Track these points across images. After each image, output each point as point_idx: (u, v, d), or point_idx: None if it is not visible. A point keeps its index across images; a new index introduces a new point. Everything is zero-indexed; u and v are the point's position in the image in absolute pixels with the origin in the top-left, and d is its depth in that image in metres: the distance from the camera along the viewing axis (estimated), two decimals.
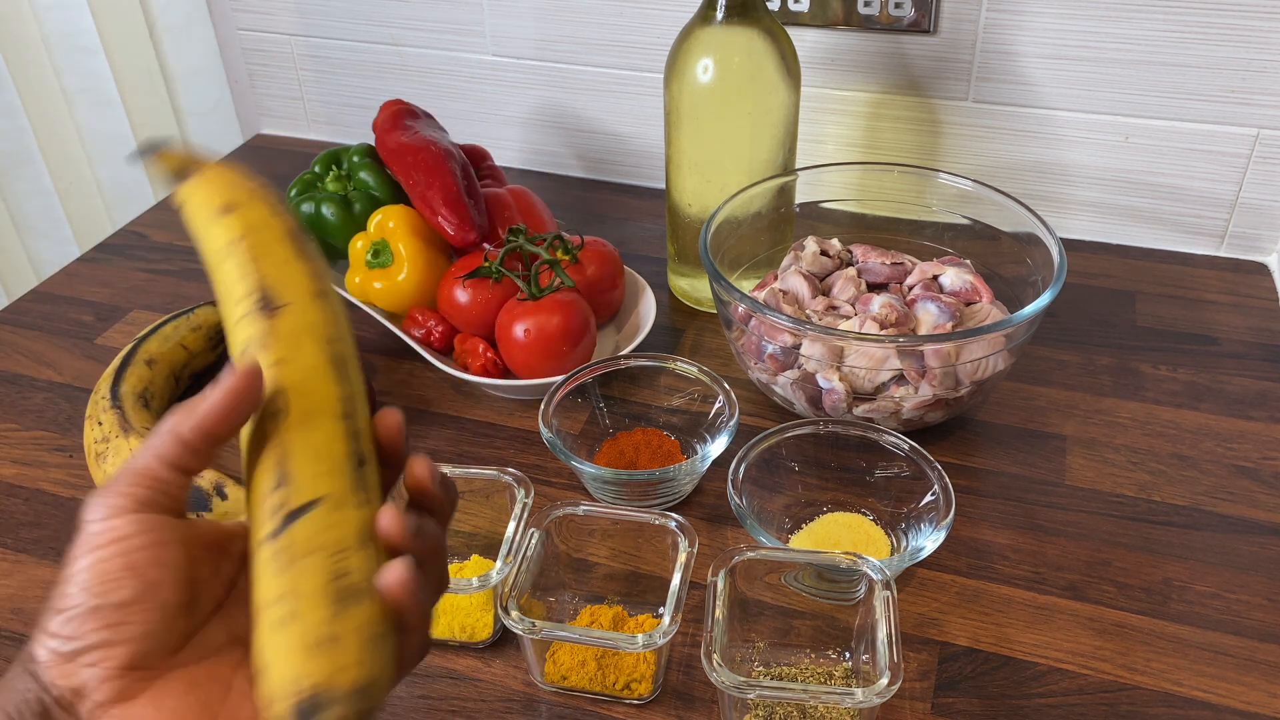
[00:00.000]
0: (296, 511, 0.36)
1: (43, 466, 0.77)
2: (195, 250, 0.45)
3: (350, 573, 0.36)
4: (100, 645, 0.35)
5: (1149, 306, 0.90)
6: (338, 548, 0.36)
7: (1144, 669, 0.60)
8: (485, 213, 0.85)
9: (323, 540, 0.36)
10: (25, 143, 1.27)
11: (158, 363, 0.79)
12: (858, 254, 0.84)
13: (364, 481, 0.39)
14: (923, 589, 0.66)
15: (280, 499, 0.37)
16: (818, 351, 0.71)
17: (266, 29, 1.16)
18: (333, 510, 0.37)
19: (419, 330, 0.83)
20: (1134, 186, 0.95)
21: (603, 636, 0.57)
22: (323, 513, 0.37)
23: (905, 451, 0.67)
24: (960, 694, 0.59)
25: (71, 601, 0.35)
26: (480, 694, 0.61)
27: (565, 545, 0.64)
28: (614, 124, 1.08)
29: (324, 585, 0.35)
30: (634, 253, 0.98)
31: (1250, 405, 0.79)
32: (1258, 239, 0.94)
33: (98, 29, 1.22)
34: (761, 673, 0.60)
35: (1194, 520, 0.70)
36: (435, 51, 1.10)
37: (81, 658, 0.35)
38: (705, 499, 0.73)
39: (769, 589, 0.62)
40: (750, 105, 0.80)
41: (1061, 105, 0.93)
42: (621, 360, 0.77)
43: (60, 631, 0.35)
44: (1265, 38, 0.85)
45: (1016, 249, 0.81)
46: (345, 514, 0.37)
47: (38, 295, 0.96)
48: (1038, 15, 0.89)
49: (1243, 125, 0.89)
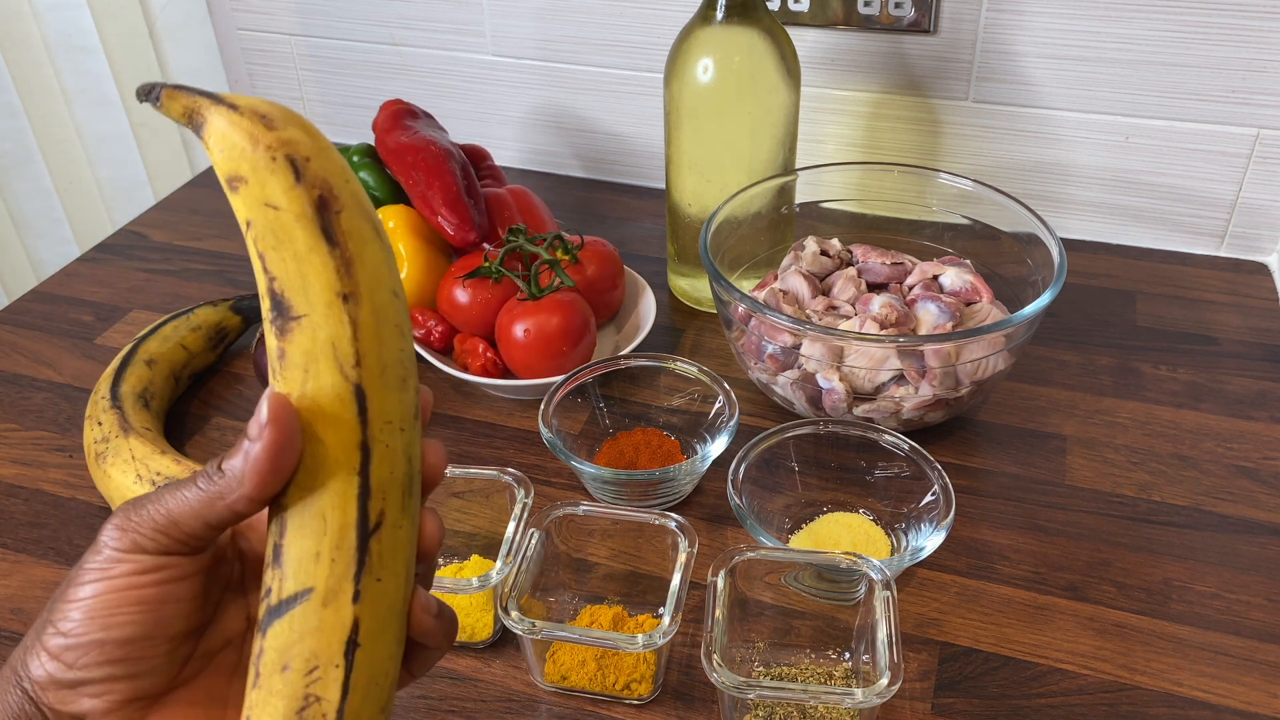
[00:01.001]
0: (278, 607, 0.32)
1: (42, 466, 0.77)
2: (195, 250, 0.42)
3: (318, 701, 0.32)
4: (103, 680, 0.34)
5: (1149, 306, 0.90)
6: (309, 665, 0.32)
7: (1144, 669, 0.60)
8: (485, 213, 0.85)
9: (296, 652, 0.32)
10: (25, 143, 1.27)
11: (157, 363, 0.79)
12: (858, 254, 0.84)
13: (369, 556, 0.32)
14: (923, 589, 0.66)
15: (269, 581, 0.33)
16: (818, 351, 0.71)
17: (266, 29, 1.16)
18: (319, 608, 0.32)
19: (419, 330, 0.83)
20: (1134, 186, 0.95)
21: (602, 637, 0.57)
22: (305, 613, 0.32)
23: (905, 451, 0.67)
24: (960, 694, 0.59)
25: (74, 628, 0.33)
26: (480, 694, 0.61)
27: (565, 545, 0.64)
28: (614, 124, 1.08)
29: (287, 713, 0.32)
30: (634, 253, 0.98)
31: (1250, 405, 0.79)
32: (1258, 239, 0.94)
33: (97, 29, 1.22)
34: (761, 673, 0.60)
35: (1194, 520, 0.70)
36: (435, 51, 1.10)
37: (83, 688, 0.34)
38: (705, 499, 0.73)
39: (769, 589, 0.62)
40: (750, 105, 0.80)
41: (1061, 105, 0.93)
42: (621, 360, 0.77)
43: (61, 657, 0.34)
44: (1265, 38, 0.85)
45: (1016, 249, 0.81)
46: (331, 615, 0.32)
47: (37, 295, 0.96)
48: (1038, 15, 0.89)
49: (1243, 125, 0.89)
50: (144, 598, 0.33)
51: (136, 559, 0.33)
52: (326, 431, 0.32)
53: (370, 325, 0.32)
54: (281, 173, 0.31)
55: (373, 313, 0.32)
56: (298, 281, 0.32)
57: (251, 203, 0.32)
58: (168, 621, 0.34)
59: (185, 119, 0.32)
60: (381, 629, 0.33)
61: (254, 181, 0.31)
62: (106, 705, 0.34)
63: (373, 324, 0.32)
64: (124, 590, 0.33)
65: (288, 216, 0.31)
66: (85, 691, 0.34)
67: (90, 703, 0.34)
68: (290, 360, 0.32)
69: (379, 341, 0.32)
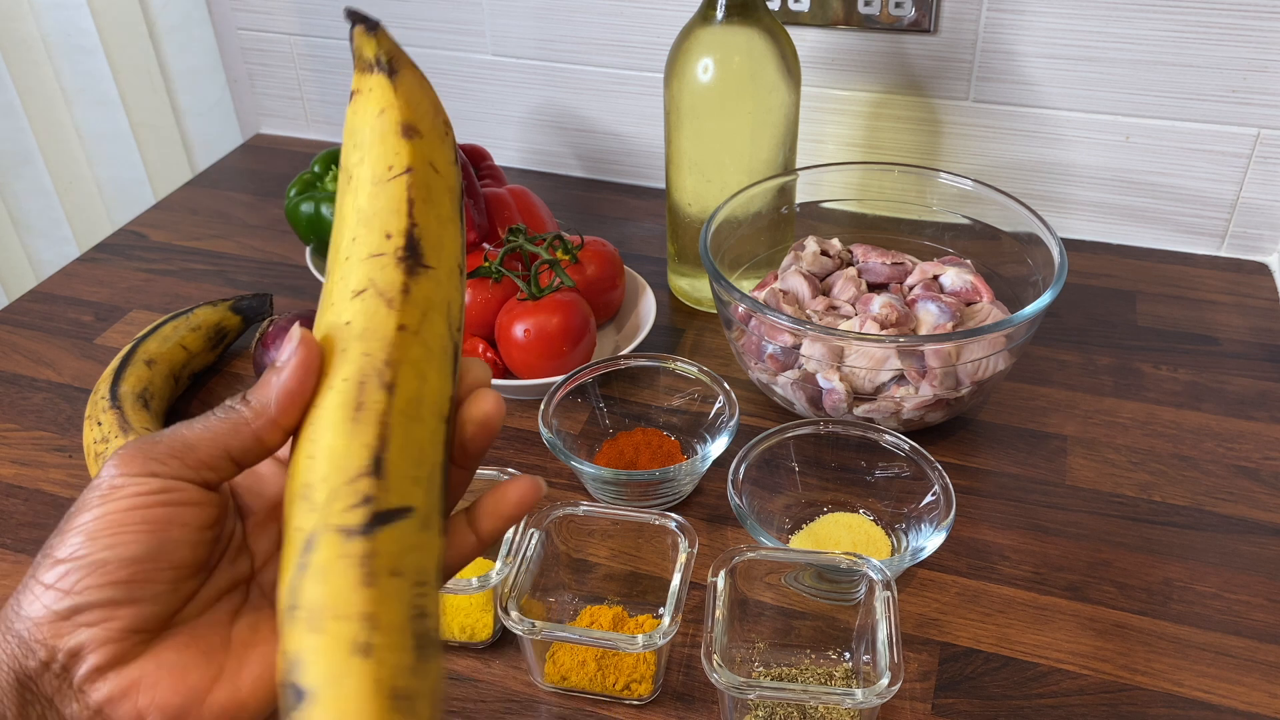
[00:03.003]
0: (387, 515, 0.31)
1: (42, 467, 0.77)
2: (194, 250, 0.41)
3: (428, 615, 0.31)
4: (104, 603, 0.32)
5: (1149, 306, 0.90)
6: (420, 578, 0.31)
7: (1145, 669, 0.60)
8: (485, 213, 0.85)
9: (409, 563, 0.31)
10: (25, 142, 1.27)
11: (157, 363, 0.79)
12: (858, 254, 0.83)
13: (444, 502, 0.34)
14: (923, 589, 0.66)
15: (369, 489, 0.31)
16: (818, 351, 0.71)
17: (266, 28, 1.16)
18: (421, 529, 0.32)
19: None
20: (1134, 186, 0.95)
21: (602, 637, 0.57)
22: (412, 528, 0.31)
23: (905, 451, 0.67)
24: (961, 694, 0.59)
25: (75, 551, 0.32)
26: (480, 694, 0.61)
27: (565, 545, 0.64)
28: (614, 124, 1.08)
29: (406, 623, 0.30)
30: (634, 253, 0.98)
31: (1251, 405, 0.79)
32: (1258, 239, 0.94)
33: (97, 29, 1.22)
34: (762, 673, 0.60)
35: (1195, 520, 0.69)
36: (435, 51, 1.10)
37: (80, 616, 0.32)
38: (705, 499, 0.72)
39: (769, 589, 0.62)
40: (750, 105, 0.80)
41: (1062, 105, 0.93)
42: (621, 360, 0.77)
43: (58, 585, 0.32)
44: (1265, 38, 0.85)
45: (1017, 249, 0.81)
46: (429, 538, 0.32)
47: (37, 295, 0.96)
48: (1038, 15, 0.89)
49: (1243, 125, 0.89)
50: (151, 517, 0.32)
51: (144, 481, 0.32)
52: (431, 373, 0.33)
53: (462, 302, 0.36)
54: (450, 147, 0.36)
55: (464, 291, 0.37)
56: (436, 239, 0.34)
57: (420, 155, 0.35)
58: (174, 546, 0.33)
59: (374, 57, 0.35)
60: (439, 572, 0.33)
61: (430, 140, 0.35)
62: (105, 634, 0.32)
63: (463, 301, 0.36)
64: (130, 510, 0.32)
65: (443, 184, 0.35)
66: (83, 620, 0.32)
67: (88, 633, 0.32)
68: (413, 299, 0.33)
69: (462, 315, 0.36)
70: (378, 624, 0.29)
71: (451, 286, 0.34)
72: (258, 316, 0.89)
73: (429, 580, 0.31)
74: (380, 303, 0.33)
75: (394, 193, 0.34)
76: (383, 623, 0.29)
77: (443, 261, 0.34)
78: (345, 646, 0.28)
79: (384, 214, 0.34)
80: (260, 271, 0.99)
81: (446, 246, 0.34)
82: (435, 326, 0.33)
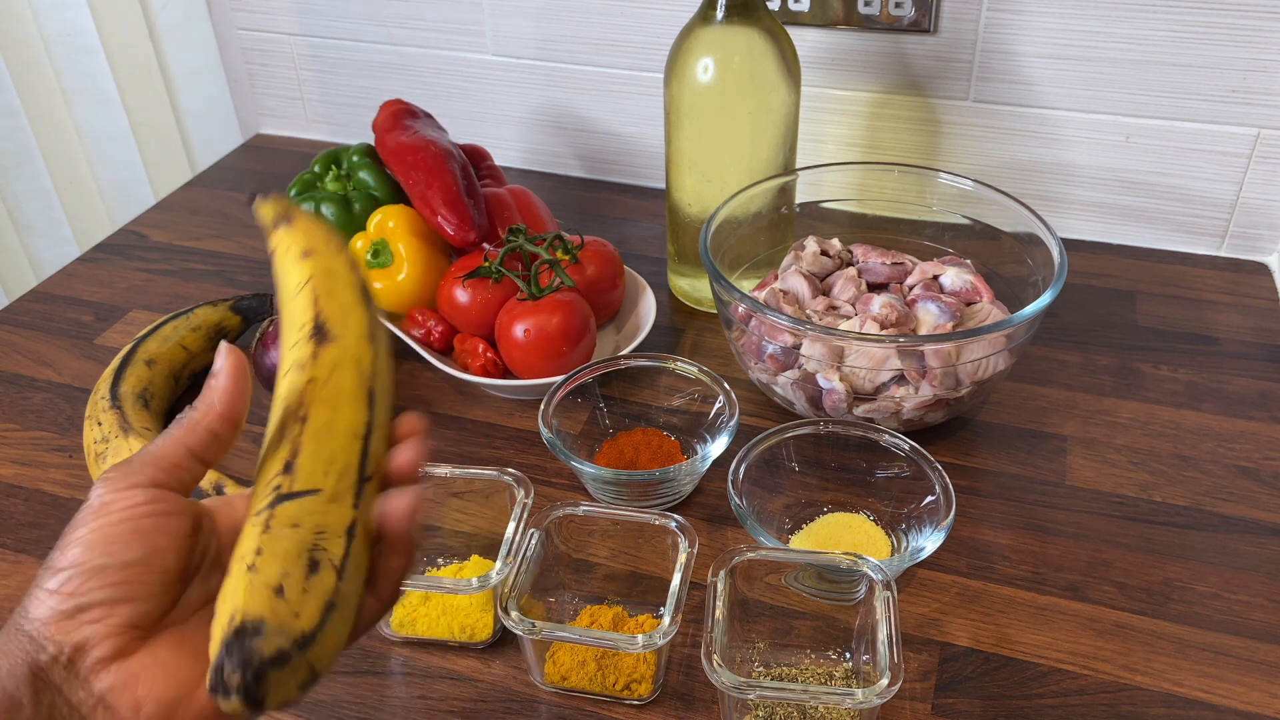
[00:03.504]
0: (290, 495, 0.39)
1: (42, 467, 0.77)
2: (194, 250, 0.45)
3: (325, 550, 0.38)
4: (104, 602, 0.36)
5: (1149, 306, 0.90)
6: (318, 530, 0.38)
7: (1145, 669, 0.60)
8: (485, 213, 0.85)
9: (307, 521, 0.38)
10: (25, 142, 1.27)
11: (157, 363, 0.79)
12: (858, 254, 0.83)
13: (364, 496, 0.40)
14: (923, 589, 0.66)
15: (280, 483, 0.39)
16: (818, 351, 0.71)
17: (266, 28, 1.16)
18: (326, 502, 0.39)
19: (419, 330, 0.83)
20: (1134, 186, 0.95)
21: (602, 637, 0.57)
22: (314, 502, 0.39)
23: (905, 452, 0.67)
24: (961, 694, 0.59)
25: (76, 558, 0.37)
26: (480, 694, 0.61)
27: (565, 545, 0.64)
28: (614, 124, 1.08)
29: (297, 551, 0.37)
30: (634, 253, 0.98)
31: (1251, 405, 0.79)
32: (1258, 239, 0.94)
33: (97, 29, 1.22)
34: (762, 673, 0.60)
35: (1195, 520, 0.69)
36: (435, 51, 1.10)
37: (84, 614, 0.36)
38: (705, 499, 0.72)
39: (769, 589, 0.62)
40: (750, 105, 0.80)
41: (1062, 105, 0.93)
42: (621, 360, 0.77)
43: (61, 589, 0.36)
44: (1265, 38, 0.85)
45: (1017, 249, 0.81)
46: (336, 509, 0.39)
47: (37, 295, 0.96)
48: (1038, 15, 0.89)
49: (1243, 125, 0.89)
50: (140, 527, 0.38)
51: (129, 494, 0.38)
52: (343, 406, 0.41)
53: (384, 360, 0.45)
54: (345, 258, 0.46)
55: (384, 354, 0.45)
56: (340, 319, 0.43)
57: (318, 267, 0.45)
58: (162, 552, 0.38)
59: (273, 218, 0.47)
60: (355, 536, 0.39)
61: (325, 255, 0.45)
62: (106, 629, 0.36)
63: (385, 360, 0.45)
64: (121, 522, 0.37)
65: (343, 282, 0.45)
66: (86, 618, 0.36)
67: (91, 628, 0.36)
68: (322, 360, 0.42)
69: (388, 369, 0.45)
70: (269, 553, 0.37)
71: (361, 348, 0.43)
72: (258, 316, 0.89)
73: (330, 532, 0.38)
74: (298, 370, 0.42)
75: (303, 298, 0.44)
76: (273, 550, 0.37)
77: (349, 332, 0.43)
78: (239, 571, 0.37)
79: (299, 314, 0.44)
80: (260, 271, 0.99)
81: (351, 324, 0.44)
82: (345, 376, 0.42)
